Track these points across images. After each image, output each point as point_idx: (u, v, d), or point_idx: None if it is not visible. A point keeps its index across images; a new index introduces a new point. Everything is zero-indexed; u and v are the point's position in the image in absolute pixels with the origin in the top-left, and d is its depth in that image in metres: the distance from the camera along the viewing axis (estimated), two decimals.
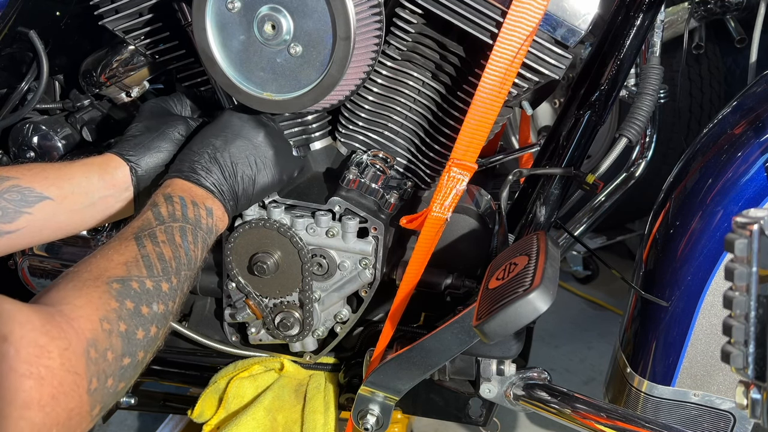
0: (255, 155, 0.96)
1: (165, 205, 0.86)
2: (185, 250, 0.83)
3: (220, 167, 0.92)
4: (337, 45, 0.90)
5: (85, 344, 0.65)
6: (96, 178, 0.93)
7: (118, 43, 1.16)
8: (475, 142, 0.97)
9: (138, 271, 0.76)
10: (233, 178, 0.93)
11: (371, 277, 1.09)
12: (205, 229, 0.88)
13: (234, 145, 0.94)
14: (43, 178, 0.89)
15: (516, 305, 0.79)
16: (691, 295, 0.98)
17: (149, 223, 0.83)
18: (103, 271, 0.73)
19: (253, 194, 0.97)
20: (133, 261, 0.77)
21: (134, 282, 0.74)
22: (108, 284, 0.72)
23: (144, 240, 0.80)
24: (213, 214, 0.90)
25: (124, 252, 0.77)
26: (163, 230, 0.82)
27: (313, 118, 1.13)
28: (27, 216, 0.87)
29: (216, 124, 0.96)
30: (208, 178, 0.91)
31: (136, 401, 1.30)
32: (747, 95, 1.06)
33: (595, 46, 1.13)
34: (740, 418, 1.00)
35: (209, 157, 0.92)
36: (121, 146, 0.97)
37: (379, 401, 1.05)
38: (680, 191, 1.03)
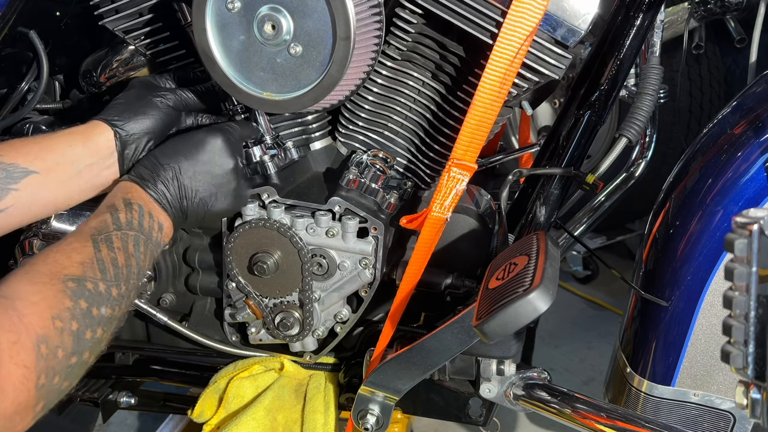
0: (217, 185, 0.96)
1: (125, 212, 0.86)
2: (136, 260, 0.84)
3: (180, 187, 0.93)
4: (337, 45, 0.90)
5: (35, 339, 0.66)
6: (79, 147, 0.92)
7: (118, 43, 1.16)
8: (475, 142, 0.97)
9: (93, 272, 0.77)
10: (189, 201, 0.94)
11: (371, 277, 1.09)
12: (155, 242, 0.89)
13: (200, 169, 0.94)
14: (25, 153, 0.88)
15: (516, 305, 0.79)
16: (691, 295, 0.98)
17: (106, 227, 0.83)
18: (60, 269, 0.74)
19: (202, 219, 0.98)
20: (89, 262, 0.77)
21: (89, 283, 0.75)
22: (63, 282, 0.73)
23: (100, 243, 0.80)
24: (163, 230, 0.91)
25: (81, 251, 0.78)
26: (119, 236, 0.83)
27: (313, 118, 1.13)
28: (14, 193, 0.86)
29: (190, 140, 0.96)
30: (167, 195, 0.92)
31: (136, 401, 1.30)
32: (747, 95, 1.06)
33: (595, 46, 1.13)
34: (740, 418, 1.00)
35: (173, 174, 0.93)
36: (106, 112, 0.96)
37: (379, 401, 1.05)
38: (680, 191, 1.03)
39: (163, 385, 1.34)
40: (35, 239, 1.19)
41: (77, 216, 1.18)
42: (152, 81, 1.04)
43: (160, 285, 1.20)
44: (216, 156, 0.95)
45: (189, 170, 0.93)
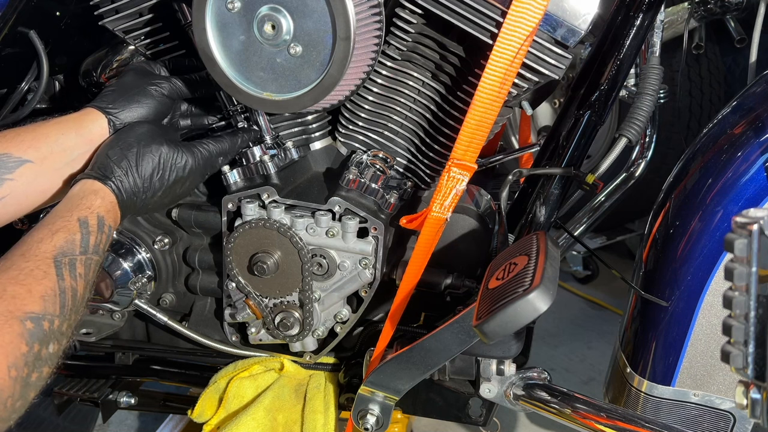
0: (178, 176, 0.93)
1: (96, 234, 0.82)
2: (89, 287, 0.80)
3: (137, 180, 0.90)
4: (337, 45, 0.90)
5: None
6: (73, 134, 0.91)
7: (118, 43, 1.16)
8: (475, 142, 0.97)
9: (53, 308, 0.73)
10: (140, 195, 0.91)
11: (371, 277, 1.09)
12: (102, 257, 0.85)
13: (143, 158, 0.91)
14: (18, 142, 0.87)
15: (516, 305, 0.79)
16: (691, 295, 0.98)
17: (73, 249, 0.78)
18: (20, 306, 0.70)
19: (146, 209, 0.94)
20: (51, 296, 0.73)
21: (46, 321, 0.71)
22: (22, 322, 0.69)
23: (63, 269, 0.76)
24: (111, 233, 0.87)
25: (42, 281, 0.73)
26: (83, 261, 0.79)
27: (313, 118, 1.13)
28: (9, 182, 0.85)
29: (129, 131, 0.93)
30: (124, 187, 0.88)
31: (136, 401, 1.31)
32: (747, 95, 1.06)
33: (595, 46, 1.13)
34: (740, 418, 1.00)
35: (127, 167, 0.89)
36: (99, 99, 0.95)
37: (379, 401, 1.05)
38: (680, 191, 1.03)
39: (163, 385, 1.34)
40: None
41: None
42: (146, 68, 1.04)
43: (160, 285, 1.20)
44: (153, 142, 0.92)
45: (133, 159, 0.90)
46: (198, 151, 0.97)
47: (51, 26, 1.17)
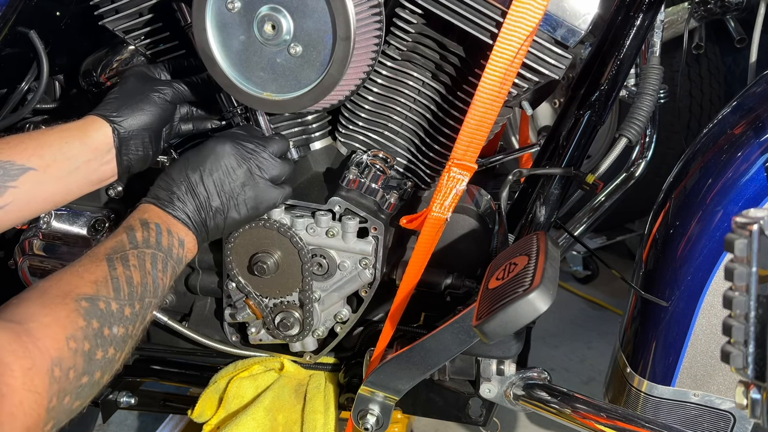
0: (230, 192, 0.95)
1: (141, 230, 0.85)
2: (153, 278, 0.83)
3: (195, 200, 0.92)
4: (337, 45, 0.90)
5: (50, 363, 0.65)
6: (77, 143, 0.91)
7: (118, 43, 1.16)
8: (475, 142, 0.97)
9: (106, 291, 0.76)
10: (207, 212, 0.93)
11: (371, 277, 1.09)
12: (176, 258, 0.88)
13: (212, 179, 0.93)
14: (22, 149, 0.87)
15: (516, 305, 0.79)
16: (691, 295, 0.98)
17: (122, 246, 0.82)
18: (73, 288, 0.73)
19: (224, 228, 0.96)
20: (103, 281, 0.77)
21: (101, 302, 0.75)
22: (76, 302, 0.72)
23: (115, 262, 0.80)
24: (185, 245, 0.90)
25: (95, 271, 0.77)
26: (135, 255, 0.82)
27: (313, 118, 1.13)
28: (12, 190, 0.85)
29: (199, 153, 0.95)
30: (184, 210, 0.91)
31: (136, 401, 1.30)
32: (747, 95, 1.06)
33: (595, 46, 1.13)
34: (740, 418, 1.00)
35: (186, 188, 0.92)
36: (102, 107, 0.95)
37: (379, 401, 1.05)
38: (680, 191, 1.03)
39: (163, 385, 1.34)
40: (35, 239, 1.19)
41: (77, 216, 1.18)
42: (147, 72, 1.04)
43: None
44: (225, 164, 0.94)
45: (200, 183, 0.93)
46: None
47: (51, 26, 1.17)
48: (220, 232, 0.96)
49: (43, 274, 1.21)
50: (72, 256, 1.19)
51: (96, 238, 1.19)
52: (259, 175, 0.97)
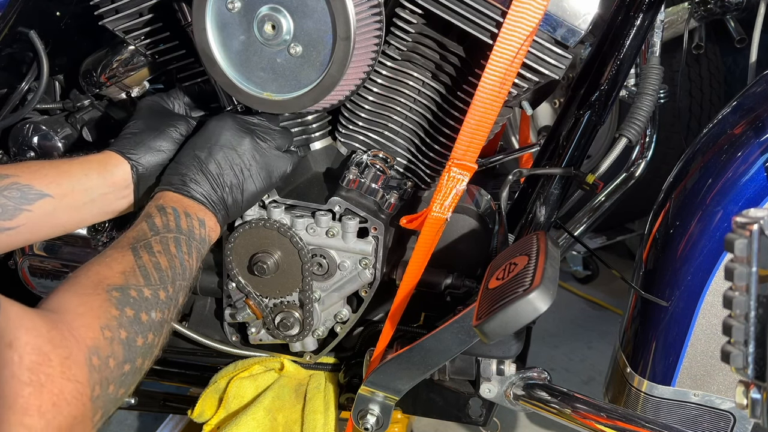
0: (241, 164, 0.96)
1: (159, 216, 0.86)
2: (180, 260, 0.84)
3: (208, 178, 0.93)
4: (337, 45, 0.90)
5: (87, 352, 0.66)
6: (95, 176, 0.93)
7: (118, 43, 1.16)
8: (475, 142, 0.97)
9: (135, 280, 0.77)
10: (221, 189, 0.94)
11: (371, 277, 1.09)
12: (198, 239, 0.89)
13: (219, 155, 0.94)
14: (42, 176, 0.89)
15: (516, 305, 0.79)
16: (691, 295, 0.98)
17: (144, 234, 0.83)
18: (103, 279, 0.75)
19: (242, 202, 0.97)
20: (131, 271, 0.78)
21: (133, 290, 0.76)
22: (108, 292, 0.73)
23: (140, 250, 0.81)
24: (205, 225, 0.91)
25: (122, 261, 0.79)
26: (158, 240, 0.83)
27: (313, 118, 1.13)
28: (27, 213, 0.87)
29: (201, 135, 0.96)
30: (198, 190, 0.92)
31: (136, 401, 1.30)
32: (747, 95, 1.06)
33: (595, 46, 1.13)
34: (740, 418, 1.00)
35: (196, 168, 0.93)
36: (121, 144, 0.97)
37: (379, 401, 1.05)
38: (680, 191, 1.03)
39: (163, 385, 1.34)
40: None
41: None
42: (163, 105, 1.05)
43: None
44: (228, 139, 0.95)
45: (210, 160, 0.94)
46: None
47: (51, 26, 1.17)
48: (239, 206, 0.97)
49: (42, 274, 1.21)
50: (72, 256, 1.20)
51: (96, 238, 1.19)
52: (265, 144, 0.98)
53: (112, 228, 1.20)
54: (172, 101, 1.06)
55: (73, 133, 1.22)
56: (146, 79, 1.21)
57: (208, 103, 1.10)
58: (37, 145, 1.19)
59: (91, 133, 1.24)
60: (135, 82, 1.20)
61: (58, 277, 1.21)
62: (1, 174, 0.87)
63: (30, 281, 1.22)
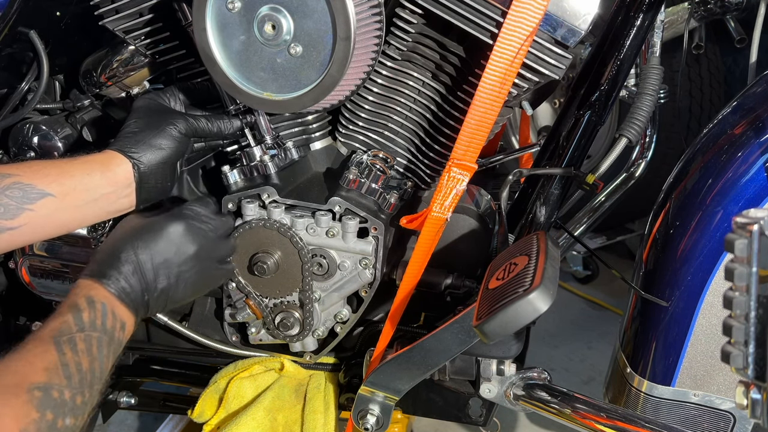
0: (177, 273, 0.93)
1: (87, 311, 0.82)
2: (100, 363, 0.80)
3: (142, 281, 0.89)
4: (337, 45, 0.90)
5: None
6: (97, 175, 0.93)
7: (119, 43, 1.16)
8: (475, 142, 0.97)
9: (58, 379, 0.73)
10: (151, 294, 0.91)
11: (371, 277, 1.09)
12: (117, 342, 0.85)
13: (161, 261, 0.91)
14: (44, 175, 0.89)
15: (516, 305, 0.79)
16: (691, 295, 0.98)
17: (69, 328, 0.79)
18: (24, 377, 0.71)
19: (164, 307, 0.95)
20: (54, 368, 0.74)
21: (55, 391, 0.72)
22: (29, 392, 0.70)
23: (64, 346, 0.77)
24: (125, 329, 0.87)
25: (44, 357, 0.74)
26: (83, 338, 0.79)
27: (313, 118, 1.13)
28: (29, 212, 0.87)
29: (150, 229, 0.93)
30: (129, 293, 0.88)
31: (136, 401, 1.31)
32: (747, 95, 1.06)
33: (595, 46, 1.13)
34: (740, 418, 1.00)
35: (134, 269, 0.89)
36: (122, 143, 0.96)
37: (379, 401, 1.05)
38: (680, 191, 1.03)
39: (163, 385, 1.34)
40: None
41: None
42: (161, 102, 1.04)
43: None
44: (175, 244, 0.93)
45: (149, 264, 0.90)
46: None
47: (51, 26, 1.17)
48: (160, 310, 0.95)
49: (42, 274, 1.21)
50: (72, 256, 1.19)
51: (96, 238, 1.19)
52: (208, 257, 0.97)
53: (112, 228, 1.20)
54: (169, 98, 1.06)
55: (73, 133, 1.22)
56: (146, 79, 1.21)
57: (204, 100, 1.10)
58: (37, 145, 1.19)
59: (91, 133, 1.24)
60: (135, 82, 1.20)
61: (58, 277, 1.21)
62: (3, 173, 0.87)
63: (30, 281, 1.22)
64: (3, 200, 0.85)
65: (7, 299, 1.30)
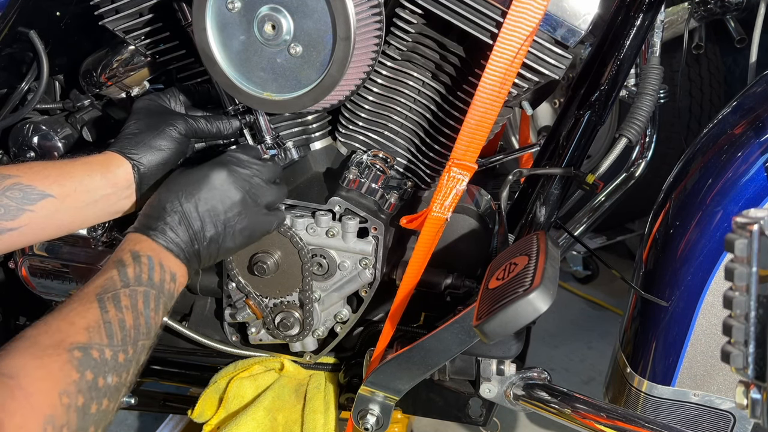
0: (225, 221, 0.92)
1: (132, 266, 0.82)
2: (146, 318, 0.80)
3: (189, 230, 0.89)
4: (337, 45, 0.90)
5: (42, 421, 0.64)
6: (98, 177, 0.93)
7: (119, 43, 1.16)
8: (475, 142, 0.97)
9: (99, 338, 0.73)
10: (200, 243, 0.90)
11: (371, 277, 1.09)
12: (167, 294, 0.85)
13: (204, 209, 0.91)
14: (44, 177, 0.89)
15: (516, 305, 0.79)
16: (691, 295, 0.98)
17: (113, 284, 0.79)
18: (65, 337, 0.71)
19: (216, 257, 0.94)
20: (95, 327, 0.74)
21: (95, 350, 0.72)
22: (69, 352, 0.70)
23: (107, 303, 0.77)
24: (176, 279, 0.87)
25: (86, 315, 0.75)
26: (127, 294, 0.79)
27: (313, 118, 1.13)
28: (29, 213, 0.87)
29: (193, 180, 0.92)
30: (176, 242, 0.88)
31: (136, 401, 1.30)
32: (747, 95, 1.06)
33: (595, 46, 1.13)
34: (740, 418, 1.00)
35: (179, 219, 0.89)
36: (122, 144, 0.96)
37: (379, 401, 1.05)
38: (680, 191, 1.03)
39: (163, 385, 1.34)
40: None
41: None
42: (160, 104, 1.04)
43: None
44: (220, 193, 0.92)
45: (195, 212, 0.90)
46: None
47: (51, 26, 1.17)
48: (212, 260, 0.94)
49: (42, 274, 1.21)
50: (72, 256, 1.19)
51: (95, 238, 1.19)
52: (255, 203, 0.95)
53: (112, 228, 1.20)
54: (169, 99, 1.06)
55: (73, 133, 1.22)
56: (146, 79, 1.21)
57: (204, 100, 1.10)
58: (37, 145, 1.19)
59: (91, 133, 1.24)
60: (135, 82, 1.20)
61: (58, 277, 1.21)
62: (3, 174, 0.87)
63: (30, 281, 1.22)
64: (3, 201, 0.86)
65: (7, 299, 1.30)
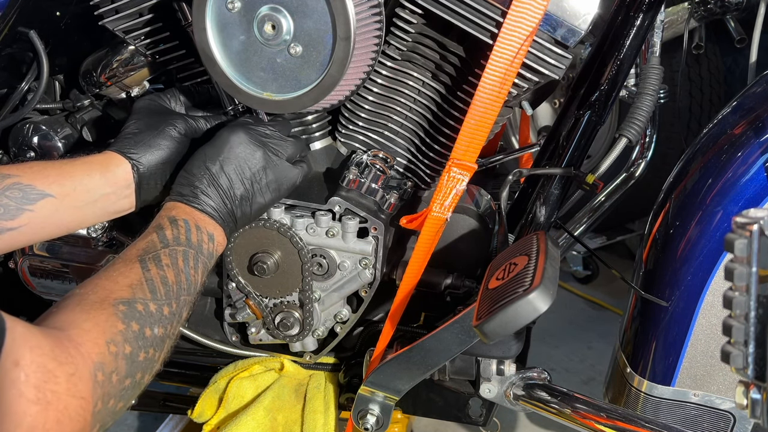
0: (251, 177, 0.96)
1: (170, 228, 0.87)
2: (186, 275, 0.84)
3: (219, 192, 0.93)
4: (337, 45, 0.90)
5: (92, 368, 0.66)
6: (97, 176, 0.93)
7: (119, 43, 1.16)
8: (475, 142, 0.97)
9: (142, 293, 0.77)
10: (231, 202, 0.94)
11: (371, 277, 1.09)
12: (206, 254, 0.89)
13: (230, 168, 0.94)
14: (44, 176, 0.89)
15: (516, 305, 0.79)
16: (691, 295, 0.98)
17: (154, 246, 0.84)
18: (109, 293, 0.75)
19: (251, 214, 0.97)
20: (138, 284, 0.78)
21: (139, 304, 0.76)
22: (114, 306, 0.73)
23: (148, 263, 0.81)
24: (214, 239, 0.91)
25: (129, 274, 0.79)
26: (167, 253, 0.83)
27: (313, 118, 1.13)
28: (29, 213, 0.87)
29: (212, 146, 0.95)
30: (209, 203, 0.92)
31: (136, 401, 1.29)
32: (747, 95, 1.06)
33: (595, 46, 1.13)
34: (740, 418, 1.00)
35: (208, 181, 0.93)
36: (121, 144, 0.97)
37: (379, 401, 1.05)
38: (680, 191, 1.03)
39: (163, 385, 1.34)
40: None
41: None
42: (160, 104, 1.05)
43: None
44: (241, 151, 0.95)
45: (221, 174, 0.93)
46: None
47: (51, 26, 1.17)
48: (248, 219, 0.98)
49: (42, 274, 1.21)
50: (72, 256, 1.19)
51: (95, 238, 1.19)
52: (277, 156, 0.98)
53: (112, 228, 1.20)
54: (169, 99, 1.06)
55: (73, 133, 1.22)
56: (146, 79, 1.21)
57: (204, 101, 1.10)
58: (37, 145, 1.19)
59: (91, 133, 1.24)
60: (135, 82, 1.20)
61: (58, 277, 1.21)
62: (3, 174, 0.87)
63: (30, 281, 1.22)
64: (3, 201, 0.86)
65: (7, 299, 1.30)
